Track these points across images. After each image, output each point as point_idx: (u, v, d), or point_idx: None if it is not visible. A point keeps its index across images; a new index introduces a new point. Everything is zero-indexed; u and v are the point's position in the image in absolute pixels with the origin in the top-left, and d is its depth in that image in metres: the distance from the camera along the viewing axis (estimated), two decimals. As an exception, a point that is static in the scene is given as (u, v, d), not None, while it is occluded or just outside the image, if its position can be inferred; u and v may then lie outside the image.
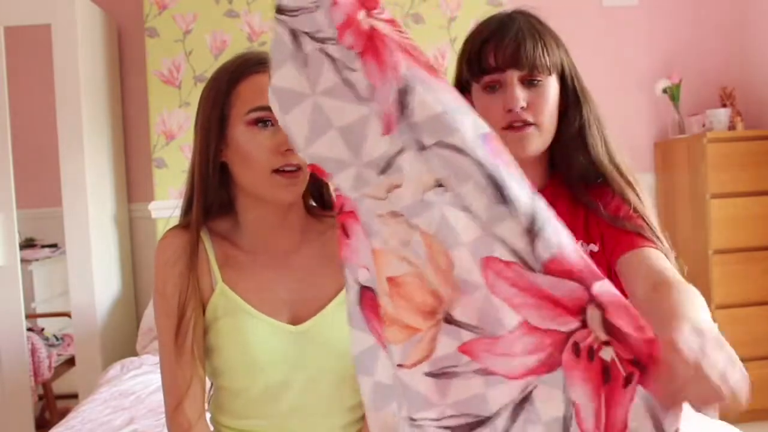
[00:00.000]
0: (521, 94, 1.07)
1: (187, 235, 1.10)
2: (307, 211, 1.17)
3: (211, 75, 1.12)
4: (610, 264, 1.06)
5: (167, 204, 2.91)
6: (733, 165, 2.87)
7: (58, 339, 3.05)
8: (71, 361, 2.98)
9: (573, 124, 1.12)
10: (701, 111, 3.14)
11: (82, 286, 2.78)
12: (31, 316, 3.04)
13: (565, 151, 1.14)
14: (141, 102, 3.13)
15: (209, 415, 1.17)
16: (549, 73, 1.09)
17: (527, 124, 1.08)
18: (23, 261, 2.92)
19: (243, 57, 1.10)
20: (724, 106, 3.14)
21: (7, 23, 2.76)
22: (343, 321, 1.09)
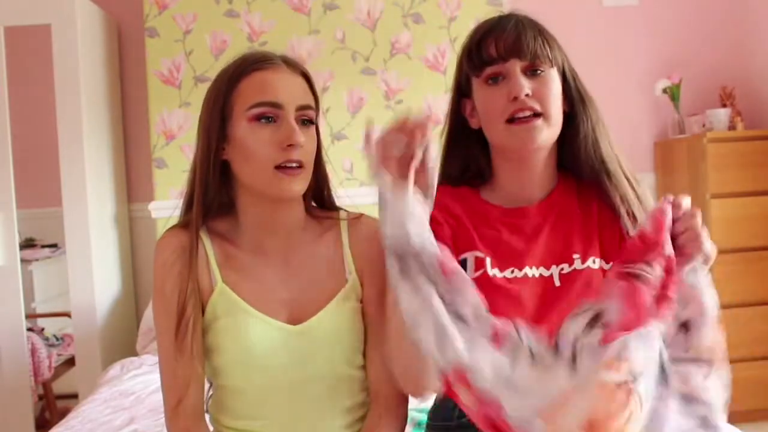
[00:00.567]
0: (525, 82, 1.07)
1: (187, 235, 1.09)
2: (308, 212, 1.17)
3: (215, 77, 1.13)
4: None
5: (167, 204, 2.90)
6: (733, 165, 2.87)
7: (58, 339, 3.05)
8: (71, 361, 2.98)
9: (580, 124, 1.12)
10: (701, 111, 3.14)
11: (82, 286, 2.78)
12: (31, 316, 3.04)
13: (573, 152, 1.14)
14: (141, 102, 3.13)
15: (209, 415, 1.17)
16: (551, 65, 1.09)
17: (534, 113, 1.07)
18: (23, 261, 2.92)
19: (243, 56, 1.11)
20: (724, 106, 3.14)
21: (7, 23, 2.76)
22: (342, 320, 1.10)
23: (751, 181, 2.88)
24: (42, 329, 3.05)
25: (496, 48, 1.08)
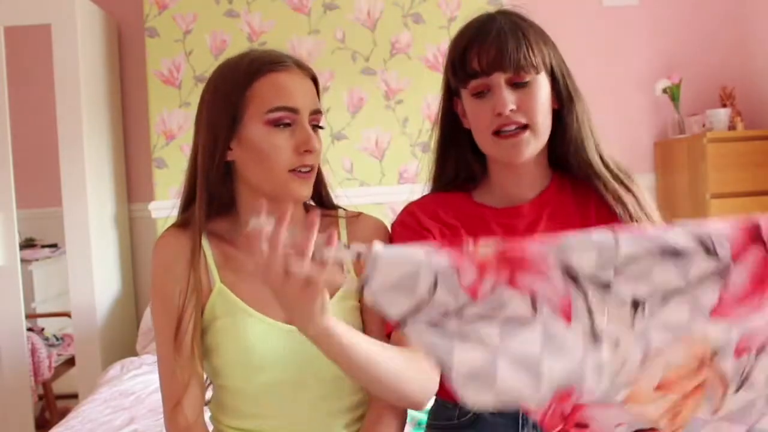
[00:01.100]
0: (509, 96, 1.05)
1: (186, 235, 1.09)
2: (306, 211, 1.17)
3: (215, 73, 1.10)
4: None
5: (167, 204, 2.90)
6: (733, 165, 2.87)
7: (58, 339, 3.05)
8: (71, 361, 2.98)
9: (568, 123, 1.11)
10: (701, 111, 3.14)
11: (82, 286, 2.78)
12: (31, 316, 3.04)
13: (563, 151, 1.13)
14: (141, 102, 3.13)
15: (210, 414, 1.17)
16: (537, 72, 1.06)
17: (520, 127, 1.06)
18: (23, 261, 2.92)
19: (251, 55, 1.08)
20: (724, 106, 3.14)
21: (7, 23, 2.76)
22: (340, 320, 1.09)
23: (751, 181, 2.88)
24: (42, 329, 3.05)
25: (478, 62, 1.06)
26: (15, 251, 2.75)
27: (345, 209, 1.20)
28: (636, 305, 0.75)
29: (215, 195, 1.10)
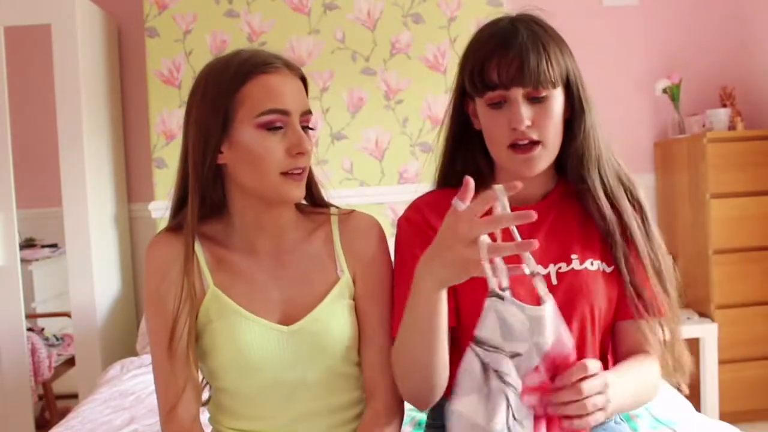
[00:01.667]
0: (526, 112, 1.06)
1: (178, 239, 1.08)
2: (299, 210, 1.17)
3: (204, 74, 1.08)
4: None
5: (167, 204, 2.89)
6: (733, 165, 2.87)
7: (58, 339, 3.05)
8: (71, 361, 2.98)
9: (575, 134, 1.13)
10: (701, 111, 3.14)
11: (82, 286, 2.78)
12: (31, 316, 3.04)
13: (564, 160, 1.14)
14: (141, 102, 3.13)
15: (209, 415, 1.17)
16: (554, 87, 1.07)
17: (533, 142, 1.07)
18: (23, 261, 2.92)
19: (240, 56, 1.06)
20: (724, 106, 3.14)
21: (7, 23, 2.76)
22: (335, 318, 1.10)
23: (751, 181, 2.88)
24: (42, 329, 3.05)
25: (498, 75, 1.06)
26: (15, 251, 2.75)
27: (338, 207, 1.20)
28: None
29: (207, 197, 1.09)
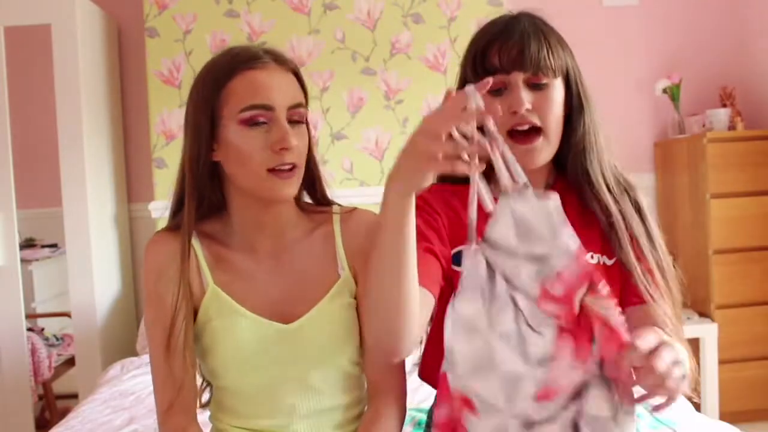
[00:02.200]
0: (526, 96, 1.07)
1: (176, 239, 1.08)
2: (300, 208, 1.16)
3: (199, 72, 1.09)
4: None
5: (167, 204, 2.90)
6: (733, 165, 2.87)
7: (58, 339, 3.05)
8: (71, 361, 2.98)
9: (574, 129, 1.13)
10: (701, 111, 3.14)
11: (82, 286, 2.78)
12: (31, 316, 3.04)
13: (563, 155, 1.15)
14: (141, 102, 3.13)
15: (209, 414, 1.17)
16: (554, 76, 1.09)
17: (534, 128, 1.07)
18: (23, 261, 2.92)
19: (231, 53, 1.07)
20: (724, 106, 3.14)
21: (7, 23, 2.76)
22: (335, 317, 1.09)
23: (751, 181, 2.88)
24: (42, 329, 3.05)
25: (499, 59, 1.07)
26: (15, 251, 2.75)
27: (340, 205, 1.19)
28: None
29: (205, 196, 1.09)
